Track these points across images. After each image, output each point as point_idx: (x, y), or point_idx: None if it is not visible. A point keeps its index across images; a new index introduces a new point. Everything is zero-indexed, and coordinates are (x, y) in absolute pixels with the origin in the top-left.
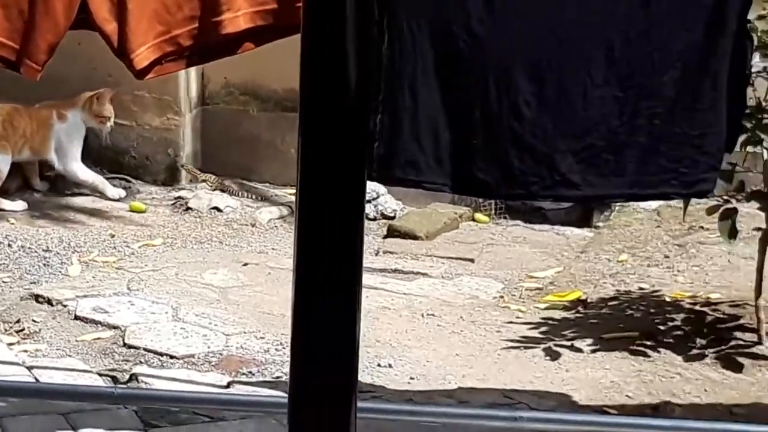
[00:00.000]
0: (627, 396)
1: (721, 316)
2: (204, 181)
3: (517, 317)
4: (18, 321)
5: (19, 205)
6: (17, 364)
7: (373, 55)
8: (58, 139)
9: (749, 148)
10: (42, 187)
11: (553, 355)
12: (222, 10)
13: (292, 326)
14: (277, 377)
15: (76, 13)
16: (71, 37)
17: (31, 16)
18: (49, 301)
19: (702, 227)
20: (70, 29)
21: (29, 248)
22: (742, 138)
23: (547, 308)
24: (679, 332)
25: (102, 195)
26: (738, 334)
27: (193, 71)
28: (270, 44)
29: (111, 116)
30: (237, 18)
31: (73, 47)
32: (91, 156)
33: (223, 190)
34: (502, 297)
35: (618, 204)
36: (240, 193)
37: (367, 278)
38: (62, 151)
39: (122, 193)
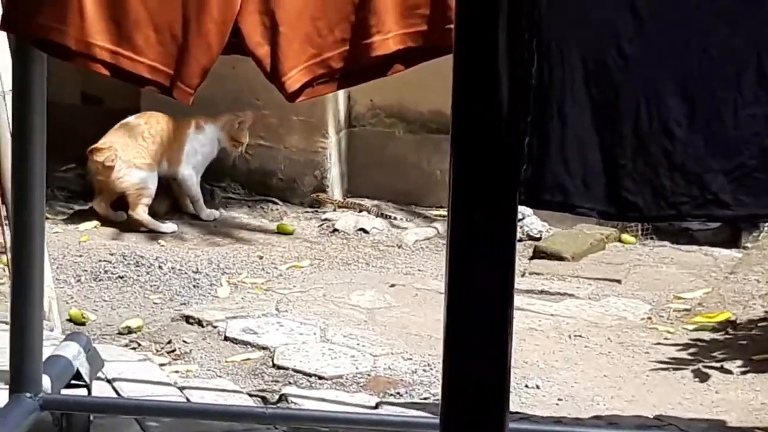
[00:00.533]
0: None
1: None
2: (340, 206)
3: (665, 338)
4: (169, 342)
5: (170, 227)
6: (169, 384)
7: (523, 77)
8: (192, 148)
9: None
10: (209, 216)
11: (702, 377)
12: (372, 33)
13: (444, 347)
14: (425, 398)
15: (228, 37)
16: (222, 61)
17: (184, 40)
18: (199, 322)
19: None
20: (222, 54)
21: (179, 270)
22: None
23: (695, 329)
24: None
25: (196, 213)
26: None
27: (339, 94)
28: (415, 67)
29: (245, 142)
30: (387, 40)
31: (221, 70)
32: (239, 178)
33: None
34: (649, 318)
35: (767, 224)
36: (381, 214)
37: (514, 300)
38: (189, 158)
39: (216, 214)
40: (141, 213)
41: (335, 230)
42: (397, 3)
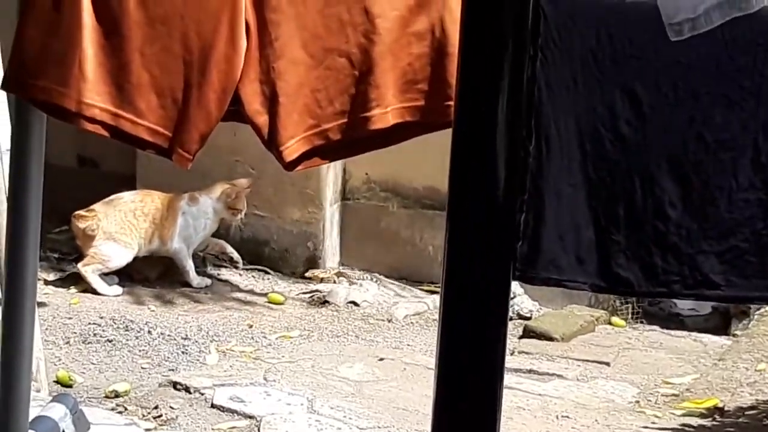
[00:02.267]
0: None
1: None
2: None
3: (653, 423)
4: (156, 407)
5: (114, 290)
6: None
7: (520, 155)
8: (185, 221)
9: None
10: (200, 284)
11: None
12: (372, 106)
13: (432, 423)
14: None
15: (228, 105)
16: (223, 128)
17: (184, 105)
18: (186, 389)
19: None
20: (221, 121)
21: (168, 335)
22: None
23: (683, 415)
24: None
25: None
26: None
27: (335, 166)
28: (410, 143)
29: (243, 209)
30: (386, 114)
31: (218, 139)
32: (232, 247)
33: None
34: (637, 402)
35: (757, 312)
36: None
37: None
38: (180, 231)
39: (207, 282)
40: (89, 272)
41: (326, 302)
42: (396, 77)
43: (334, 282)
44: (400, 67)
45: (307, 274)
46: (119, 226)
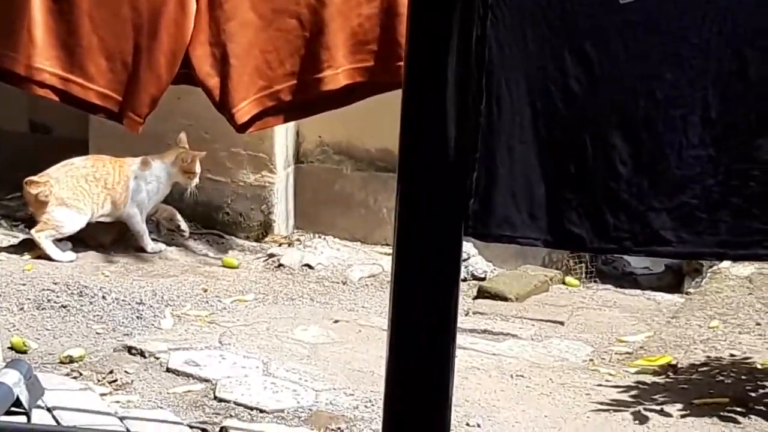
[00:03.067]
0: None
1: None
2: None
3: (607, 381)
4: (111, 372)
5: (68, 256)
6: (110, 414)
7: (471, 114)
8: (137, 185)
9: None
10: (155, 249)
11: (642, 419)
12: (323, 68)
13: (386, 383)
14: None
15: (178, 68)
16: (171, 92)
17: (134, 68)
18: (141, 353)
19: None
20: (172, 84)
21: (123, 300)
22: None
23: (636, 372)
24: None
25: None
26: None
27: (288, 130)
28: (363, 104)
29: (198, 173)
30: (337, 75)
31: (170, 103)
32: (185, 212)
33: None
34: (591, 360)
35: (710, 270)
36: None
37: (456, 338)
38: (133, 195)
39: (162, 247)
40: (42, 237)
41: (280, 265)
42: (346, 38)
43: (289, 245)
44: (350, 27)
45: (267, 239)
46: (72, 191)
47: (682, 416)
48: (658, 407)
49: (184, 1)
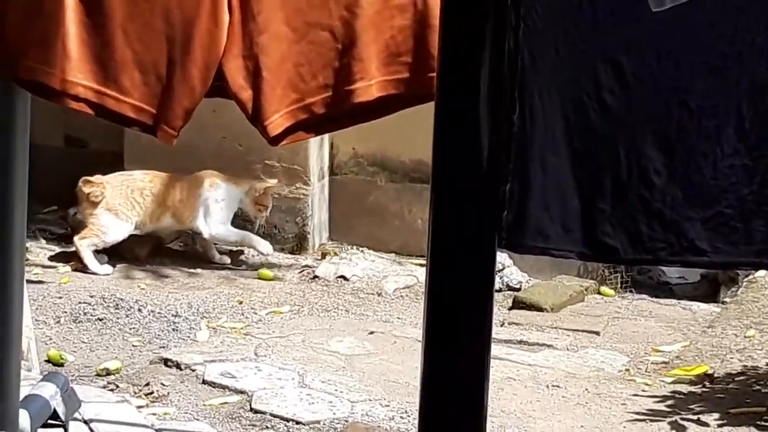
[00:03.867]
0: None
1: None
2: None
3: (643, 390)
4: (147, 384)
5: (105, 269)
6: (146, 426)
7: (504, 125)
8: (206, 206)
9: None
10: (221, 260)
11: (679, 429)
12: (355, 79)
13: (421, 394)
14: None
15: (212, 80)
16: (205, 105)
17: (168, 82)
18: (177, 365)
19: None
20: (205, 97)
21: (159, 313)
22: None
23: (673, 382)
24: None
25: (255, 250)
26: None
27: (322, 141)
28: (397, 116)
29: (269, 207)
30: (370, 87)
31: (205, 116)
32: None
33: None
34: (627, 370)
35: (746, 279)
36: None
37: (492, 348)
38: (210, 216)
39: (227, 259)
40: (84, 246)
41: (315, 277)
42: (380, 50)
43: (324, 256)
44: (383, 39)
45: (317, 250)
46: (122, 200)
47: (719, 426)
48: (694, 417)
49: (218, 14)
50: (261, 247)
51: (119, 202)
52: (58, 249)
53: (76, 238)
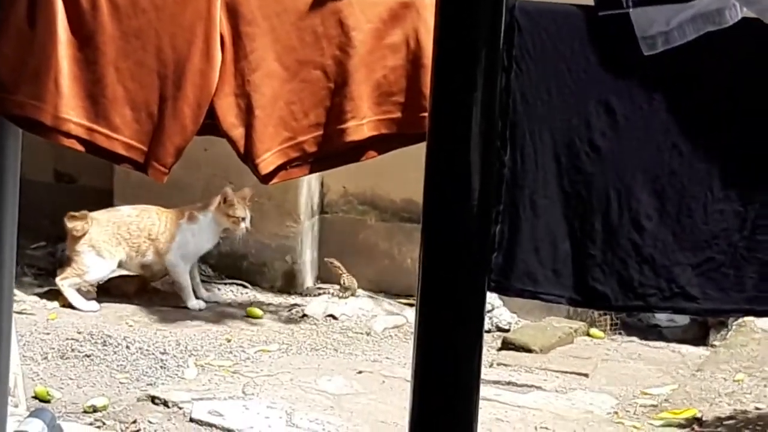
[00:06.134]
0: None
1: None
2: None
3: None
4: (134, 421)
5: (92, 305)
6: None
7: (495, 166)
8: (184, 239)
9: None
10: (196, 306)
11: None
12: (347, 118)
13: None
14: None
15: (203, 118)
16: (196, 142)
17: (159, 119)
18: (165, 403)
19: None
20: (197, 134)
21: (147, 350)
22: None
23: (662, 425)
24: None
25: (184, 301)
26: None
27: (312, 180)
28: (388, 155)
29: (244, 217)
30: (361, 126)
31: (196, 153)
32: (209, 261)
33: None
34: (616, 413)
35: (735, 323)
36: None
37: (481, 389)
38: (179, 248)
39: (202, 305)
40: (65, 285)
41: (304, 315)
42: (372, 89)
43: (313, 296)
44: (375, 79)
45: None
46: (107, 236)
47: None
48: None
49: (210, 52)
50: (189, 303)
51: (104, 239)
52: (46, 285)
53: (57, 279)
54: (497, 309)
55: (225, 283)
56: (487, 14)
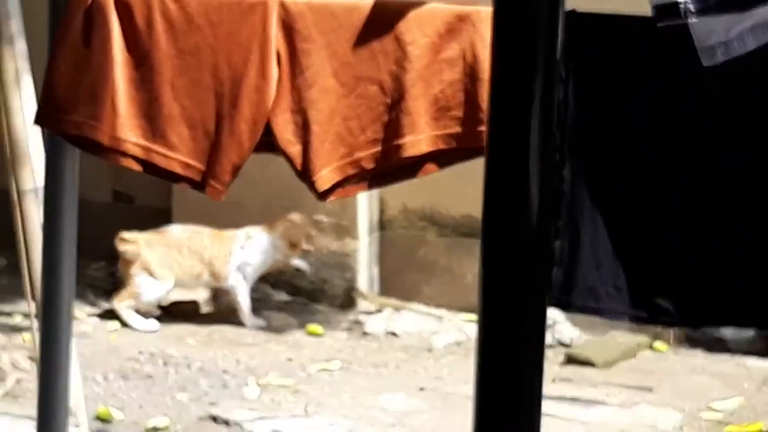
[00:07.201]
0: None
1: None
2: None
3: None
4: None
5: (151, 325)
6: None
7: (554, 180)
8: (242, 261)
9: None
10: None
11: None
12: (404, 133)
13: None
14: None
15: (260, 135)
16: (253, 160)
17: (216, 137)
18: (226, 423)
19: None
20: (254, 152)
21: (207, 369)
22: None
23: None
24: None
25: (243, 320)
26: None
27: (371, 196)
28: (446, 171)
29: (304, 248)
30: (419, 141)
31: (253, 172)
32: (269, 279)
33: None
34: (681, 428)
35: None
36: None
37: (543, 406)
38: (240, 269)
39: (262, 323)
40: (122, 308)
41: (365, 333)
42: (429, 104)
43: (374, 312)
44: (432, 93)
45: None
46: (160, 258)
47: None
48: None
49: (266, 69)
50: (247, 322)
51: (156, 261)
52: (106, 305)
53: (114, 301)
54: (559, 324)
55: (285, 301)
56: (544, 26)
